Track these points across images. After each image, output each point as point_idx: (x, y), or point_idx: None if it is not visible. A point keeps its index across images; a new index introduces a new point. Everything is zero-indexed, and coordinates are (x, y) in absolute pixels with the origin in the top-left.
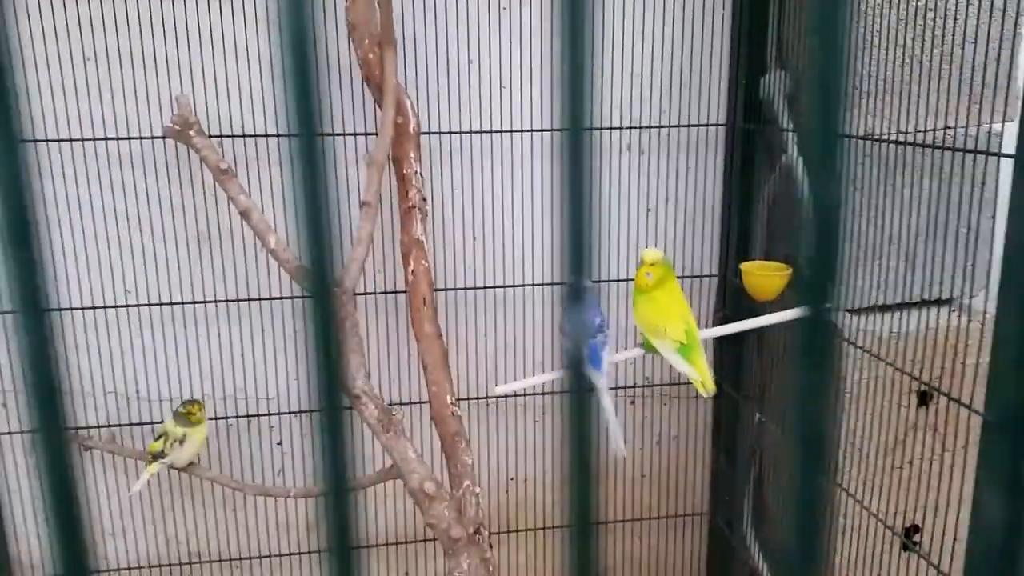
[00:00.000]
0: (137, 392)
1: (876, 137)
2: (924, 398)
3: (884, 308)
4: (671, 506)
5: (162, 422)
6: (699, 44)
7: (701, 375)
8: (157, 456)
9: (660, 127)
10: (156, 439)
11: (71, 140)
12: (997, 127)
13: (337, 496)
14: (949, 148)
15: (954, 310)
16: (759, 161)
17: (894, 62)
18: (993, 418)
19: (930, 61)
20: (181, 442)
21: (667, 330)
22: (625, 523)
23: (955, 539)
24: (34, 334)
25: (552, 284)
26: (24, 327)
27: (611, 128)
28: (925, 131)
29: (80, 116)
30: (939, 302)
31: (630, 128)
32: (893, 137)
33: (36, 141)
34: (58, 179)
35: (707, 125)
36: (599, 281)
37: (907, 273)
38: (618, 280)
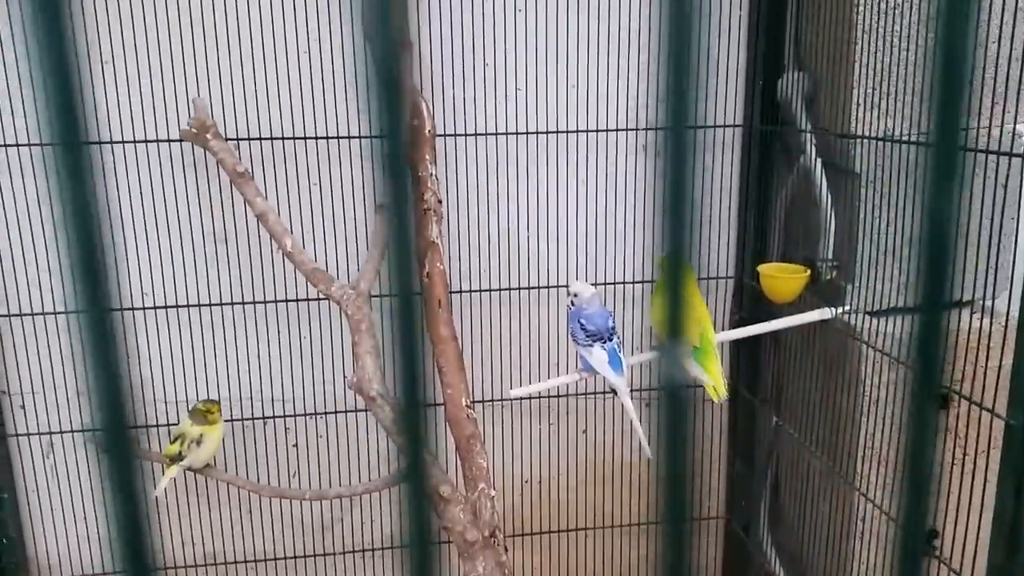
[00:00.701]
0: (154, 394)
1: (896, 138)
2: (944, 401)
3: (904, 310)
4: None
5: (177, 424)
6: (715, 44)
7: (714, 380)
8: (175, 459)
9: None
10: (172, 441)
11: (87, 144)
12: (1021, 127)
13: (416, 497)
14: (971, 149)
15: (976, 312)
16: (776, 163)
17: (914, 62)
18: (1015, 422)
19: None
20: (198, 443)
21: None
22: (640, 526)
23: (977, 544)
24: (99, 336)
25: (567, 286)
26: (89, 329)
27: (626, 129)
28: None
29: (97, 120)
30: (960, 304)
31: (646, 129)
32: (913, 138)
33: (54, 144)
34: None
35: (724, 126)
36: (615, 283)
37: None
38: (632, 282)
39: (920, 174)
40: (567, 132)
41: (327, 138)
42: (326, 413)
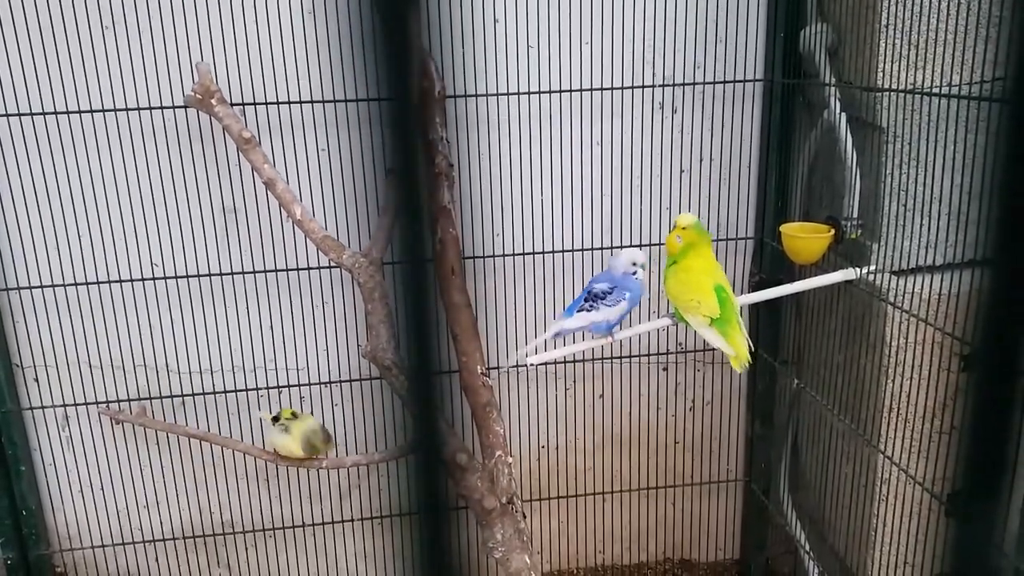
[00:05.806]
0: (167, 365)
1: (923, 90)
2: (969, 362)
3: (930, 269)
4: (705, 472)
5: (191, 395)
6: None
7: (736, 349)
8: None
9: (694, 83)
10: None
11: (92, 112)
12: None
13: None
14: (1000, 100)
15: None
16: (799, 118)
17: (944, 10)
18: None
19: (978, 7)
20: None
21: (700, 304)
22: (659, 489)
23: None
24: None
25: (583, 250)
26: None
27: (643, 86)
28: (970, 84)
29: (100, 87)
30: (988, 262)
31: (662, 86)
32: (941, 90)
33: (57, 113)
34: (80, 152)
35: (744, 81)
36: (632, 246)
37: (955, 232)
38: (649, 244)
39: (949, 127)
40: (581, 90)
41: (335, 101)
42: (341, 382)
